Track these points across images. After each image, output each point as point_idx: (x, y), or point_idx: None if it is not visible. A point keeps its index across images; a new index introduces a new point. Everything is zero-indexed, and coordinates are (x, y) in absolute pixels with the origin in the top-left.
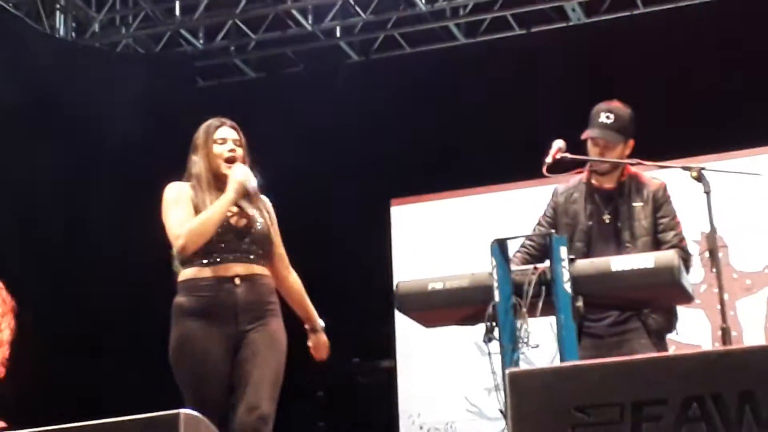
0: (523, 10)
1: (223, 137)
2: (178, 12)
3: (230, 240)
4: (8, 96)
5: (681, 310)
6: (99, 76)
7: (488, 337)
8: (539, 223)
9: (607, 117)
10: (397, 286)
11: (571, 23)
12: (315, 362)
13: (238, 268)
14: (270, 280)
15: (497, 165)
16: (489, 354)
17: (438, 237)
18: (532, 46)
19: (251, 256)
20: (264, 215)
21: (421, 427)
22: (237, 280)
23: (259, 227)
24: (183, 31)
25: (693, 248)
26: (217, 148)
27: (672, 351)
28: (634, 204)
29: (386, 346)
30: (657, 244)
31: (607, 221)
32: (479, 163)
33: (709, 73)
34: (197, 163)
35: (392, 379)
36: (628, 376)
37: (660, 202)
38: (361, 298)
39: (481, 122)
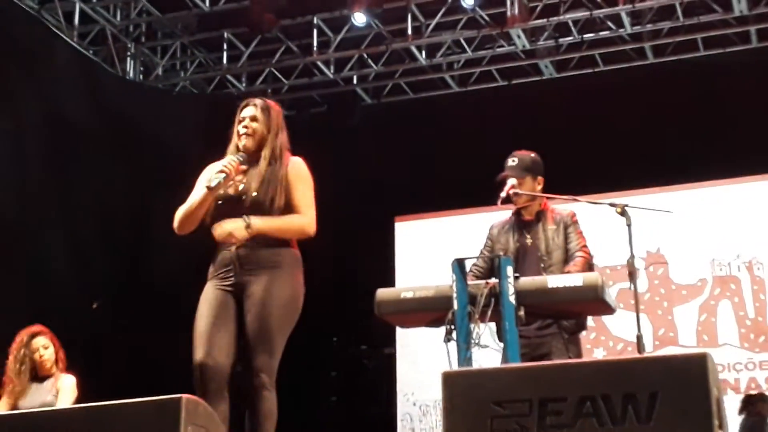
0: (506, 65)
1: (243, 116)
2: (225, 60)
3: (229, 208)
4: (89, 125)
5: (628, 313)
6: (161, 111)
7: (448, 338)
8: (481, 251)
9: (513, 161)
10: (376, 293)
11: (544, 77)
12: (330, 348)
13: (233, 225)
14: (268, 240)
15: (489, 189)
16: (448, 352)
17: (434, 249)
18: (512, 94)
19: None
20: (270, 182)
21: (414, 404)
22: (233, 240)
23: (254, 195)
24: (229, 76)
25: (639, 263)
26: (238, 127)
27: (622, 347)
28: (548, 228)
29: (388, 337)
30: (567, 258)
31: (529, 243)
32: (473, 187)
33: (633, 121)
34: (230, 143)
35: (392, 364)
36: (536, 378)
37: (568, 225)
38: (369, 298)
39: (475, 152)
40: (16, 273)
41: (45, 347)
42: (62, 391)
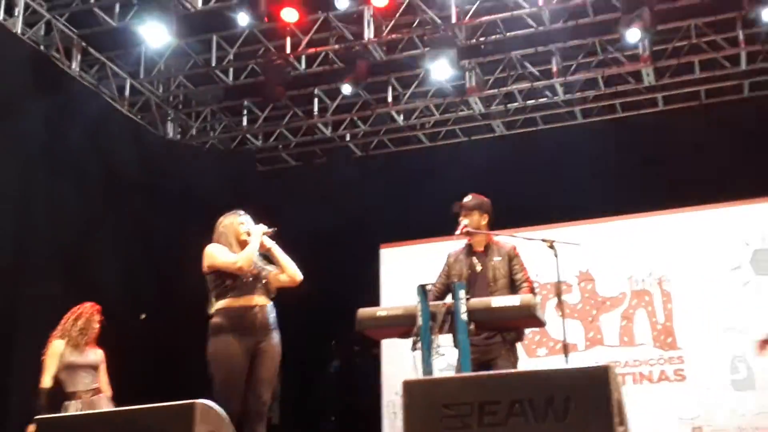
0: (466, 125)
1: (241, 221)
2: (245, 123)
3: (250, 282)
4: (134, 177)
5: (565, 320)
6: (195, 164)
7: (414, 347)
8: (439, 277)
9: (467, 201)
10: (357, 312)
11: (496, 134)
12: (328, 349)
13: (258, 299)
14: (272, 308)
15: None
16: (414, 358)
17: (414, 272)
18: (471, 148)
19: (263, 292)
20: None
21: (396, 393)
22: (256, 308)
23: (264, 273)
24: (249, 135)
25: (572, 280)
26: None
27: (560, 347)
28: (495, 259)
29: (375, 341)
30: (512, 284)
31: (479, 270)
32: (441, 219)
33: (567, 168)
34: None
35: (378, 362)
36: (476, 386)
37: (512, 257)
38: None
39: (442, 193)
40: (79, 287)
41: (100, 322)
42: (100, 354)
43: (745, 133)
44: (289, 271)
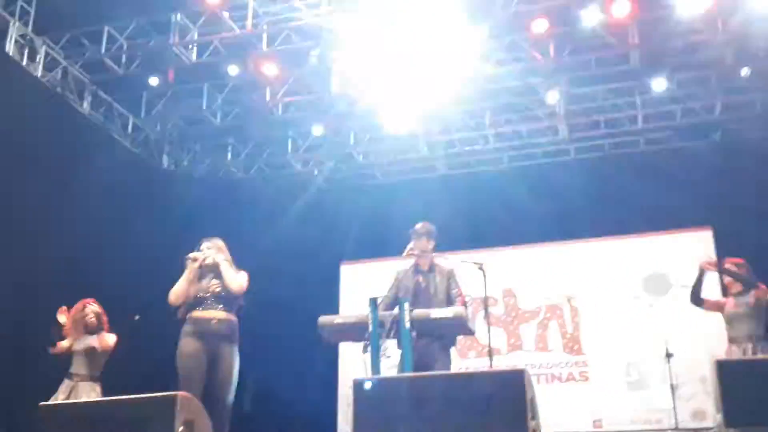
0: (417, 165)
1: (201, 248)
2: (229, 157)
3: (207, 298)
4: (135, 200)
5: (492, 328)
6: (186, 189)
7: (365, 350)
8: (389, 290)
9: (416, 227)
10: (318, 320)
11: (440, 173)
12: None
13: (213, 313)
14: (229, 319)
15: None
16: (365, 359)
17: (368, 285)
18: (422, 183)
19: (219, 306)
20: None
21: (350, 387)
22: (214, 321)
23: (217, 290)
24: (233, 168)
25: (498, 295)
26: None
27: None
28: (436, 277)
29: (334, 343)
30: (448, 299)
31: (423, 286)
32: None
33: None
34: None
35: (336, 361)
36: (416, 383)
37: (450, 277)
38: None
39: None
40: (89, 290)
41: (93, 311)
42: (107, 339)
43: (641, 179)
44: (229, 285)
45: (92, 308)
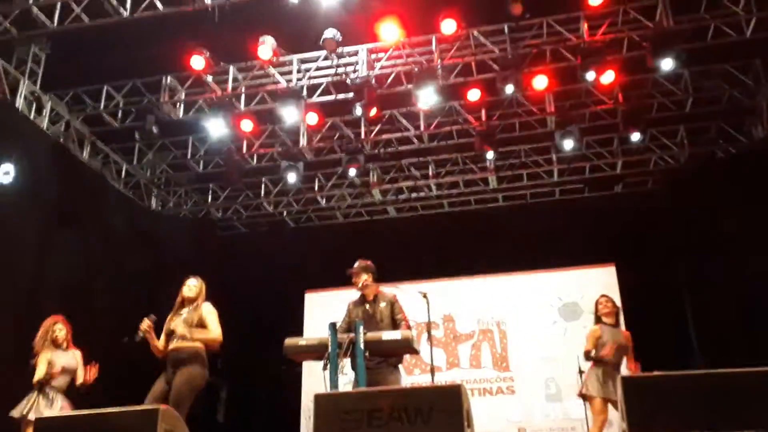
0: (369, 208)
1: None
2: (210, 200)
3: (172, 335)
4: (126, 236)
5: (434, 348)
6: (172, 230)
7: (325, 368)
8: (343, 318)
9: (359, 264)
10: (284, 342)
11: (390, 216)
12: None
13: (175, 345)
14: (188, 349)
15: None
16: (324, 376)
17: (329, 311)
18: (373, 224)
19: (180, 341)
20: (190, 323)
21: (311, 401)
22: (172, 352)
23: (180, 330)
24: (212, 209)
25: (439, 320)
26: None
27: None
28: (381, 304)
29: (298, 362)
30: (393, 323)
31: (371, 313)
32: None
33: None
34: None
35: (300, 378)
36: (368, 397)
37: (392, 303)
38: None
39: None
40: (84, 315)
41: (60, 329)
42: (77, 356)
43: (556, 223)
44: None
45: (59, 325)
